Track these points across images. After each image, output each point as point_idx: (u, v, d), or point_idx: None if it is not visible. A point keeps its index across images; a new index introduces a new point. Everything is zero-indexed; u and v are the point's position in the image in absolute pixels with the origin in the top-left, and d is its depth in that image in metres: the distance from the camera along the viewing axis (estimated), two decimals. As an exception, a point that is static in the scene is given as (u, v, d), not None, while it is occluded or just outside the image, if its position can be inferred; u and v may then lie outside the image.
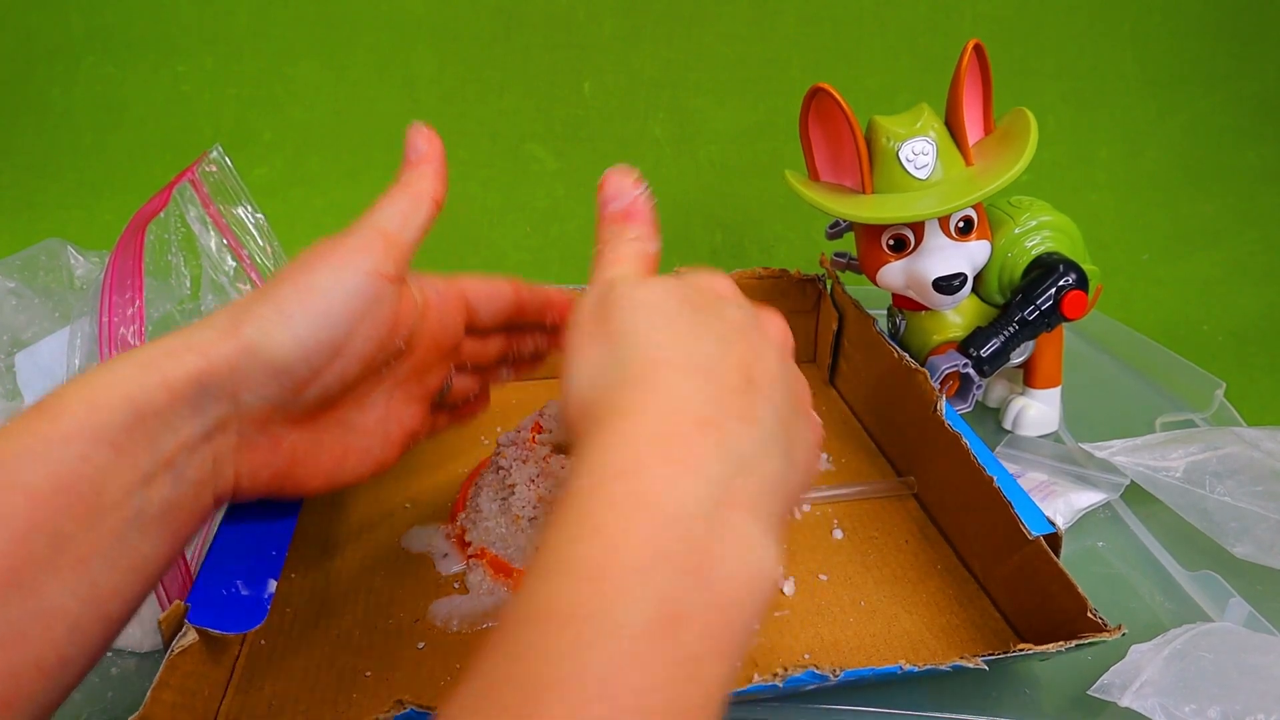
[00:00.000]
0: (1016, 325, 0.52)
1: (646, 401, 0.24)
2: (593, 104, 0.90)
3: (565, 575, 0.21)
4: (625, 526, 0.21)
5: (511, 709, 0.19)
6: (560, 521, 0.22)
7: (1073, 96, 0.93)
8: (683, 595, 0.21)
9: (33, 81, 0.86)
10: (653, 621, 0.20)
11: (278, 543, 0.40)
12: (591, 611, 0.20)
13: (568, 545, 0.22)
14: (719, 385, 0.25)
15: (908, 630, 0.41)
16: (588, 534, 0.21)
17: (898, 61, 0.91)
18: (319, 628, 0.40)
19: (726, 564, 0.22)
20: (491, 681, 0.20)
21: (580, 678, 0.19)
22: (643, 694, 0.19)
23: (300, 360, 0.30)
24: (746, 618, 0.22)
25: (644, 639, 0.20)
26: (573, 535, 0.22)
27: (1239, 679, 0.35)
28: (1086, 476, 0.52)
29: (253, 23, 0.88)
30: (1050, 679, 0.39)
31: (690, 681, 0.20)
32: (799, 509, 0.49)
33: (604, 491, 0.22)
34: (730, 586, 0.22)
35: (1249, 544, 0.46)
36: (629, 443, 0.23)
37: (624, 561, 0.21)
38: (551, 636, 0.20)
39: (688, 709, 0.20)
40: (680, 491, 0.22)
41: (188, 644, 0.33)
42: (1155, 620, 0.42)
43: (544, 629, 0.20)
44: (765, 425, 0.25)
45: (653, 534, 0.21)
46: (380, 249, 0.33)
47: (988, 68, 0.51)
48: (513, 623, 0.21)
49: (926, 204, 0.49)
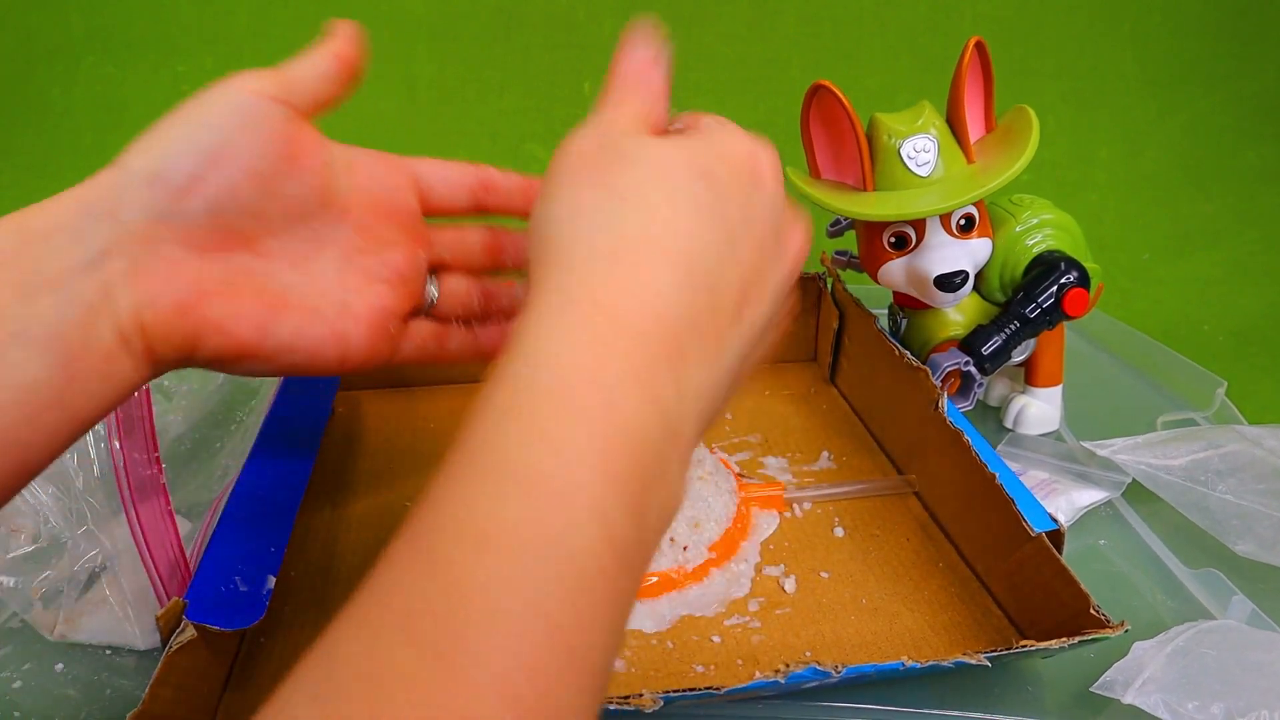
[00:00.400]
0: (1018, 323, 0.52)
1: (626, 289, 0.22)
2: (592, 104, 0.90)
3: (513, 486, 0.19)
4: (586, 446, 0.20)
5: (433, 644, 0.17)
6: (510, 403, 0.21)
7: (1073, 96, 0.93)
8: (625, 531, 0.20)
9: (33, 81, 0.86)
10: (600, 555, 0.19)
11: (276, 539, 0.40)
12: (542, 538, 0.18)
13: (517, 450, 0.20)
14: (708, 300, 0.23)
15: (909, 628, 0.40)
16: (540, 442, 0.20)
17: (898, 61, 0.91)
18: (318, 624, 0.40)
19: (658, 500, 0.21)
20: (409, 602, 0.18)
21: (523, 612, 0.17)
22: (586, 631, 0.18)
23: (171, 163, 0.29)
24: (651, 556, 0.22)
25: (592, 575, 0.18)
26: (524, 439, 0.20)
27: (1242, 676, 0.35)
28: (1088, 475, 0.51)
29: (253, 23, 0.88)
30: (1053, 676, 0.39)
31: (621, 618, 0.19)
32: (800, 506, 0.49)
33: (566, 395, 0.20)
34: (654, 522, 0.21)
35: (1251, 542, 0.45)
36: (600, 341, 0.21)
37: (579, 485, 0.19)
38: (489, 558, 0.18)
39: (611, 649, 0.19)
40: (642, 420, 0.21)
41: (186, 640, 0.32)
42: (1157, 618, 0.42)
43: (482, 549, 0.18)
44: (727, 362, 0.24)
45: (611, 461, 0.20)
46: (265, 75, 0.32)
47: (989, 65, 0.51)
48: (441, 531, 0.19)
49: (928, 201, 0.49)
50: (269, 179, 0.31)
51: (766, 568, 0.44)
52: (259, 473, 0.43)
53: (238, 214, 0.30)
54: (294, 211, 0.32)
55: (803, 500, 0.49)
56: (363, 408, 0.59)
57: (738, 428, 0.58)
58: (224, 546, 0.38)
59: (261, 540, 0.39)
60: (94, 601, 0.39)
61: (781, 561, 0.45)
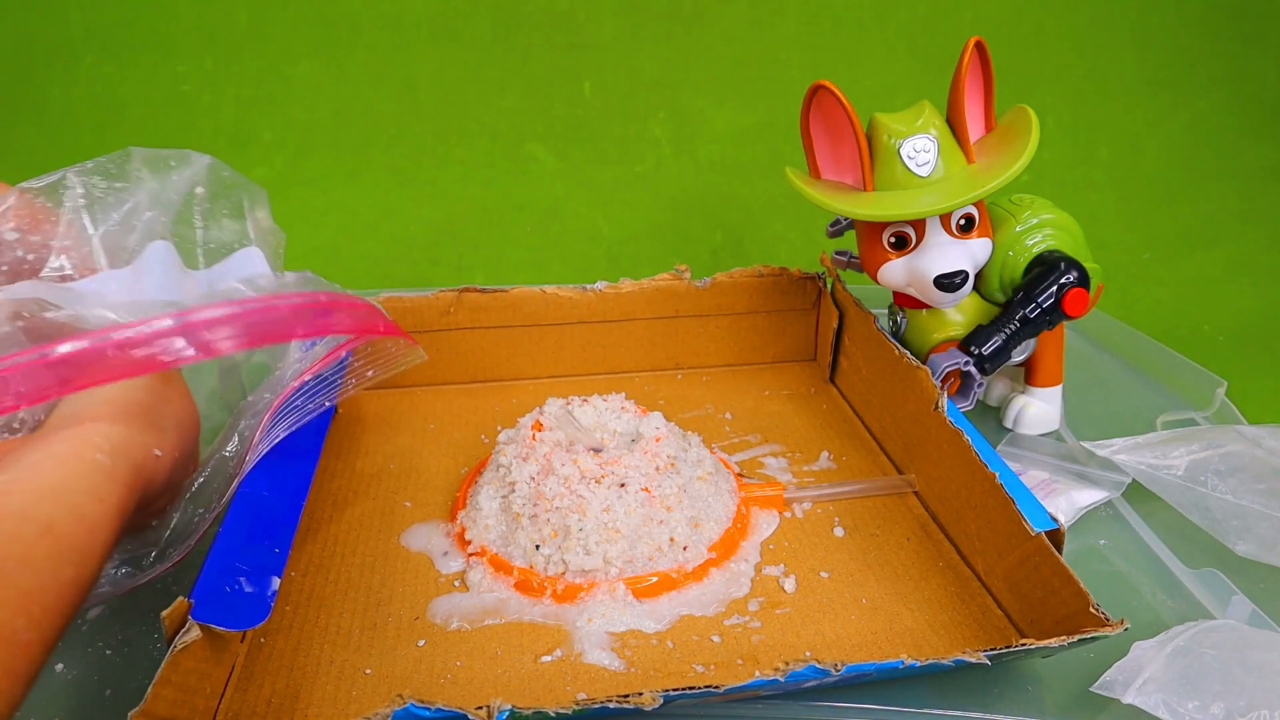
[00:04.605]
0: (1018, 323, 0.52)
1: None
2: (593, 104, 0.90)
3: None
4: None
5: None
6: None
7: (1073, 96, 0.93)
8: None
9: (33, 81, 0.86)
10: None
11: (280, 540, 0.40)
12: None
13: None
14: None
15: (909, 627, 0.40)
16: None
17: (898, 61, 0.91)
18: (319, 625, 0.40)
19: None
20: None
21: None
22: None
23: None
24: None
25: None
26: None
27: (1242, 676, 0.35)
28: (1088, 475, 0.52)
29: (253, 23, 0.88)
30: (1053, 676, 0.39)
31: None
32: (800, 506, 0.49)
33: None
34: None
35: (1251, 542, 0.46)
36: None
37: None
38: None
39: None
40: None
41: (191, 640, 0.32)
42: (1157, 618, 0.42)
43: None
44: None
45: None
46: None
47: (989, 65, 0.51)
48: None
49: (928, 201, 0.49)
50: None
51: (766, 567, 0.44)
52: (261, 474, 0.43)
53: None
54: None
55: (803, 500, 0.49)
56: (363, 408, 0.59)
57: (738, 428, 0.58)
58: (228, 547, 0.38)
59: (265, 541, 0.39)
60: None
61: (781, 561, 0.45)
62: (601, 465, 0.44)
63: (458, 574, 0.44)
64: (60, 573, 0.28)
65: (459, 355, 0.62)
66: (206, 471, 0.40)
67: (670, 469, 0.45)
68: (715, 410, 0.60)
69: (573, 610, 0.41)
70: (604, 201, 0.89)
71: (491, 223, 0.88)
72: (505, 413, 0.59)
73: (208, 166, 0.45)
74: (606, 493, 0.43)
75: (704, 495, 0.46)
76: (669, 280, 0.62)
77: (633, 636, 0.40)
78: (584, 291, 0.61)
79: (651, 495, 0.43)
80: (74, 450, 0.32)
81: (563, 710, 0.31)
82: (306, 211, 0.87)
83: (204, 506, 0.40)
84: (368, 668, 0.38)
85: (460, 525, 0.46)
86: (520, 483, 0.44)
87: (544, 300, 0.61)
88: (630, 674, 0.38)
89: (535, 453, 0.45)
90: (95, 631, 0.40)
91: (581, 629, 0.40)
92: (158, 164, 0.43)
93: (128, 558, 0.39)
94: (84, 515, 0.30)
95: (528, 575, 0.42)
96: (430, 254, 0.85)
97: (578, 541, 0.42)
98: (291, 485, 0.44)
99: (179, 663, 0.32)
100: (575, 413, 0.49)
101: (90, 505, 0.30)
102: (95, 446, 0.32)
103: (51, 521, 0.29)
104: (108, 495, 0.31)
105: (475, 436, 0.56)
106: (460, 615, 0.41)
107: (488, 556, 0.43)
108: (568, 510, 0.42)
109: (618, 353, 0.64)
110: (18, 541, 0.28)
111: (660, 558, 0.43)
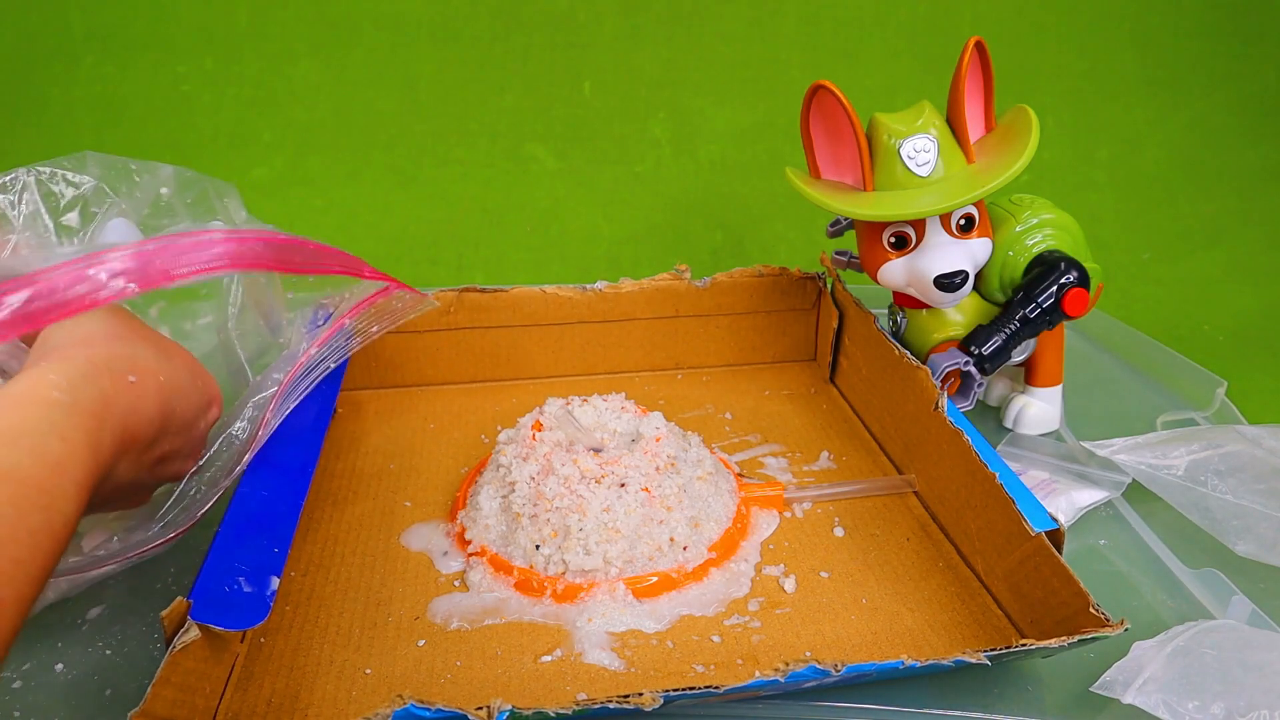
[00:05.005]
0: (1018, 323, 0.52)
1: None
2: (593, 104, 0.90)
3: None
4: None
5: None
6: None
7: (1073, 96, 0.93)
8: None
9: (33, 81, 0.86)
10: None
11: (280, 540, 0.40)
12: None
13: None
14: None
15: (910, 627, 0.40)
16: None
17: (898, 61, 0.91)
18: (319, 625, 0.40)
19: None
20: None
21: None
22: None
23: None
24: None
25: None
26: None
27: (1242, 676, 0.35)
28: (1088, 475, 0.51)
29: (253, 23, 0.88)
30: (1053, 676, 0.39)
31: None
32: (800, 506, 0.49)
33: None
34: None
35: (1251, 542, 0.45)
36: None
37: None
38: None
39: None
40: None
41: (190, 640, 0.32)
42: (1157, 618, 0.42)
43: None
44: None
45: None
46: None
47: (989, 65, 0.51)
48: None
49: (928, 201, 0.49)
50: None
51: (766, 567, 0.44)
52: (261, 474, 0.43)
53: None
54: None
55: (803, 500, 0.49)
56: (363, 408, 0.59)
57: (738, 428, 0.58)
58: (228, 547, 0.38)
59: (264, 541, 0.39)
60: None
61: (781, 561, 0.45)
62: (601, 465, 0.44)
63: (458, 574, 0.44)
64: (28, 520, 0.27)
65: (459, 355, 0.62)
66: (214, 447, 0.40)
67: (670, 469, 0.45)
68: (715, 410, 0.60)
69: (573, 610, 0.41)
70: (604, 201, 0.89)
71: (491, 223, 0.88)
72: (505, 413, 0.59)
73: (172, 174, 0.45)
74: (606, 493, 0.43)
75: (704, 495, 0.45)
76: (669, 280, 0.62)
77: (633, 636, 0.40)
78: (584, 291, 0.61)
79: (651, 495, 0.43)
80: (27, 390, 0.30)
81: (563, 710, 0.31)
82: (306, 211, 0.87)
83: (210, 484, 0.40)
84: (368, 668, 0.38)
85: (460, 525, 0.46)
86: (520, 483, 0.44)
87: (544, 300, 0.61)
88: (630, 674, 0.38)
89: (535, 453, 0.45)
90: (95, 631, 0.40)
91: (581, 629, 0.40)
92: (118, 168, 0.43)
93: (130, 525, 0.39)
94: (45, 455, 0.28)
95: (528, 575, 0.42)
96: (430, 254, 0.85)
97: (578, 541, 0.42)
98: (291, 485, 0.44)
99: (178, 663, 0.32)
100: (575, 413, 0.49)
101: (53, 444, 0.29)
102: (50, 384, 0.31)
103: (10, 467, 0.27)
104: (72, 430, 0.30)
105: (475, 436, 0.56)
106: (460, 615, 0.41)
107: (488, 556, 0.43)
108: (568, 510, 0.42)
109: (618, 353, 0.64)
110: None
111: (660, 558, 0.43)
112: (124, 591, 0.42)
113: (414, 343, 0.61)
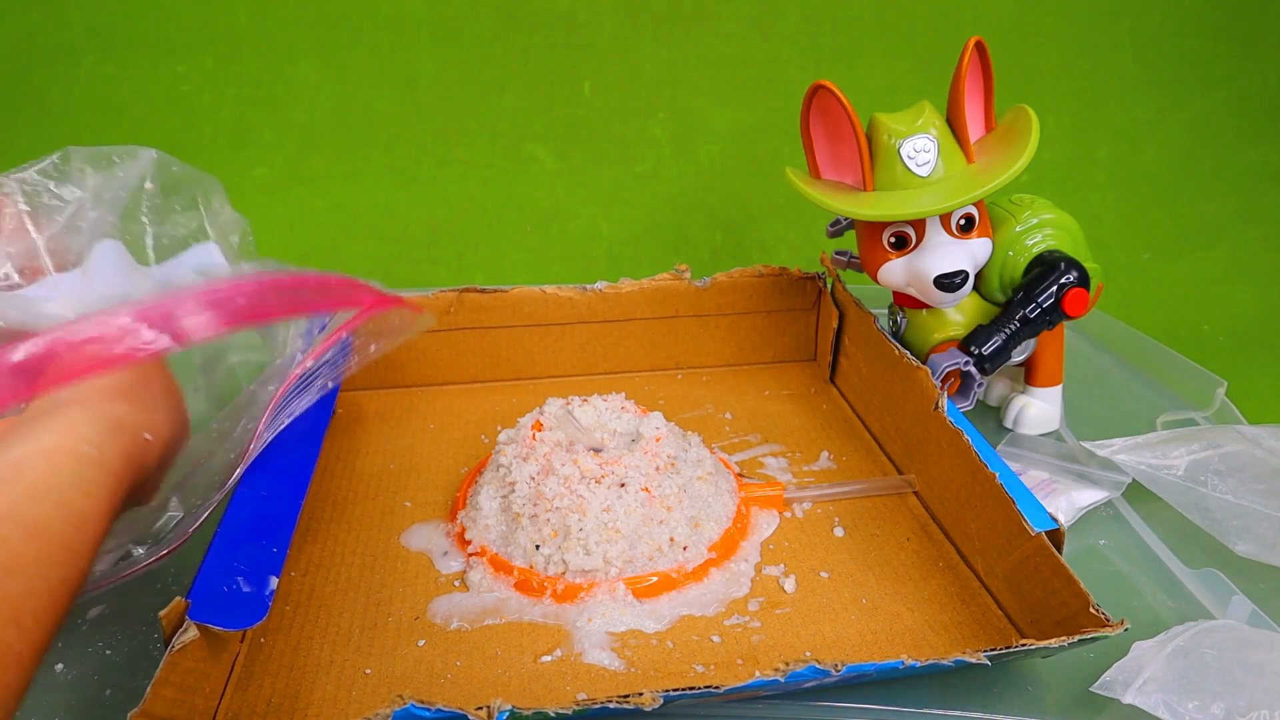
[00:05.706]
0: (1018, 323, 0.52)
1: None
2: (593, 104, 0.90)
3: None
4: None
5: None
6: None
7: (1073, 96, 0.93)
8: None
9: (33, 81, 0.86)
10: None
11: (279, 540, 0.40)
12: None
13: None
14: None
15: (910, 627, 0.40)
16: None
17: (898, 61, 0.91)
18: (319, 625, 0.40)
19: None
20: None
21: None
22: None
23: None
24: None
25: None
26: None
27: (1242, 676, 0.35)
28: (1088, 475, 0.51)
29: (253, 23, 0.88)
30: (1053, 676, 0.39)
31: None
32: (800, 506, 0.49)
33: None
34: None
35: (1251, 542, 0.45)
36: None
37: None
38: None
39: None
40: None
41: (188, 640, 0.32)
42: (1157, 618, 0.42)
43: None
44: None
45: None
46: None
47: (989, 65, 0.51)
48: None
49: (928, 201, 0.49)
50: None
51: (766, 567, 0.44)
52: (261, 474, 0.43)
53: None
54: None
55: (803, 500, 0.49)
56: (363, 408, 0.59)
57: (738, 428, 0.58)
58: (226, 547, 0.38)
59: (263, 541, 0.39)
60: None
61: (781, 561, 0.45)
62: (601, 465, 0.44)
63: (458, 574, 0.44)
64: (50, 576, 0.27)
65: (459, 355, 0.62)
66: (205, 462, 0.40)
67: (670, 469, 0.45)
68: (715, 410, 0.60)
69: (573, 610, 0.41)
70: (604, 201, 0.89)
71: (491, 223, 0.88)
72: (505, 413, 0.59)
73: (154, 161, 0.44)
74: (606, 493, 0.43)
75: (704, 495, 0.45)
76: (669, 280, 0.62)
77: (633, 636, 0.40)
78: (584, 291, 0.61)
79: (651, 495, 0.43)
80: (60, 443, 0.30)
81: (563, 710, 0.31)
82: (306, 211, 0.87)
83: (202, 497, 0.40)
84: (368, 668, 0.38)
85: (460, 525, 0.46)
86: (520, 483, 0.44)
87: (544, 300, 0.61)
88: (630, 674, 0.38)
89: (535, 453, 0.45)
90: (95, 631, 0.40)
91: (581, 629, 0.40)
92: (101, 161, 0.43)
93: (122, 544, 0.39)
94: (74, 512, 0.29)
95: (528, 575, 0.42)
96: (430, 254, 0.85)
97: (578, 541, 0.42)
98: (290, 485, 0.44)
99: (178, 663, 0.32)
100: (575, 413, 0.48)
101: (80, 501, 0.29)
102: (83, 437, 0.31)
103: (40, 522, 0.28)
104: (98, 488, 0.30)
105: (475, 436, 0.56)
106: (460, 615, 0.41)
107: (488, 556, 0.43)
108: (568, 510, 0.42)
109: (618, 353, 0.64)
110: (4, 547, 0.26)
111: (660, 558, 0.43)
112: (124, 592, 0.42)
113: (414, 343, 0.61)
